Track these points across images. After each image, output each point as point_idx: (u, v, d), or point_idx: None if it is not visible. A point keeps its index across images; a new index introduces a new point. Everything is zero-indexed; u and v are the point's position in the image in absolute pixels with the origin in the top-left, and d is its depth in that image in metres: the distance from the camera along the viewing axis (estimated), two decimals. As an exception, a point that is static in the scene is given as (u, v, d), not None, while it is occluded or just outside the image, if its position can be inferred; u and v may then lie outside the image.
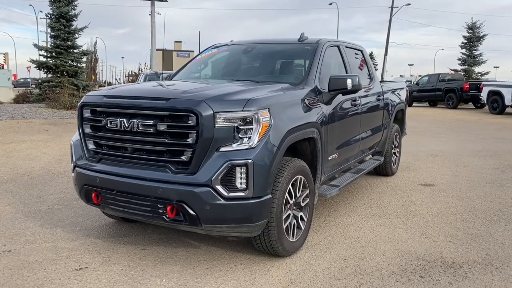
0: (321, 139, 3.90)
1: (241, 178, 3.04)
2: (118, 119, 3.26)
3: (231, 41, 5.33)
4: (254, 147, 3.08)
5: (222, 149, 3.05)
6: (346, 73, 4.86)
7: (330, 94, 4.11)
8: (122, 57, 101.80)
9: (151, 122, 3.12)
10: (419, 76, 34.37)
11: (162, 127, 3.10)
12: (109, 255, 3.57)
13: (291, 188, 3.50)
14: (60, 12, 18.81)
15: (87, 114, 3.51)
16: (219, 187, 3.02)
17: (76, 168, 3.62)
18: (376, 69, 68.16)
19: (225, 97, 3.17)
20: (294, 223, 3.62)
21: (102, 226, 4.25)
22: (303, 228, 3.74)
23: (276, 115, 3.28)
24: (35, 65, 19.07)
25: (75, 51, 19.78)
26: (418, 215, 4.77)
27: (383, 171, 6.56)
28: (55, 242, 3.83)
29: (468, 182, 6.36)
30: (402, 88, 7.03)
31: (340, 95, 4.30)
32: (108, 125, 3.32)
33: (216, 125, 3.02)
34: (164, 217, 3.14)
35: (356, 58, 5.49)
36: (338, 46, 4.90)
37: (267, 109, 3.20)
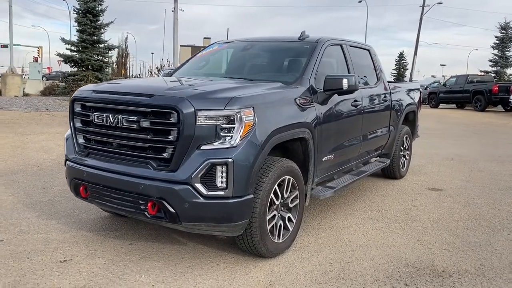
0: (313, 139, 3.83)
1: (221, 177, 3.02)
2: (104, 114, 3.28)
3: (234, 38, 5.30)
4: (235, 146, 3.05)
5: (204, 147, 3.03)
6: (348, 73, 4.76)
7: (325, 94, 4.02)
8: (152, 53, 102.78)
9: (135, 118, 3.13)
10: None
11: (145, 124, 3.11)
12: (96, 248, 3.62)
13: (277, 189, 3.45)
14: (87, 7, 19.21)
15: (77, 108, 3.55)
16: (198, 185, 3.00)
17: (67, 161, 3.67)
18: (406, 69, 66.88)
19: (207, 95, 3.15)
20: (281, 224, 3.57)
21: (96, 219, 4.31)
22: (291, 229, 3.68)
23: (262, 114, 3.23)
24: (62, 59, 19.52)
25: (100, 45, 20.15)
26: (418, 221, 4.63)
27: (390, 173, 6.41)
28: (47, 233, 3.90)
29: (479, 188, 6.15)
30: (415, 90, 6.85)
31: (338, 95, 4.21)
32: (95, 120, 3.35)
33: (198, 123, 3.00)
34: (145, 213, 3.15)
35: (362, 57, 5.37)
36: (341, 45, 4.80)
37: (251, 108, 3.16)
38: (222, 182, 3.02)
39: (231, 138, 3.06)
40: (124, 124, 3.18)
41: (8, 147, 7.89)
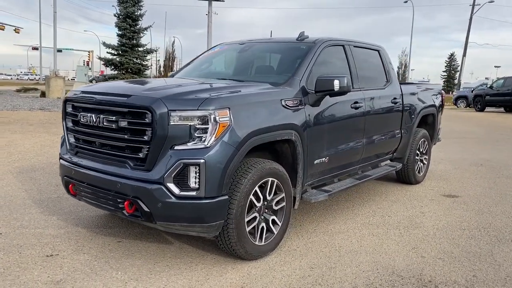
0: (302, 142, 3.77)
1: (193, 178, 3.03)
2: (89, 114, 3.38)
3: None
4: (209, 147, 3.05)
5: (177, 147, 3.05)
6: (350, 74, 4.64)
7: (317, 95, 3.94)
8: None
9: (114, 118, 3.21)
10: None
11: (123, 123, 3.17)
12: (84, 244, 3.72)
13: (259, 191, 3.42)
14: (127, 12, 19.89)
15: (69, 109, 3.68)
16: (170, 185, 3.02)
17: (60, 159, 3.81)
18: (456, 71, 64.15)
19: (181, 96, 3.17)
20: (263, 227, 3.53)
21: (95, 216, 4.43)
22: (275, 232, 3.63)
23: (239, 115, 3.21)
24: (103, 62, 20.30)
25: (139, 49, 20.78)
26: (421, 228, 4.44)
27: (405, 178, 6.19)
28: (44, 228, 4.06)
29: (499, 196, 5.81)
30: (434, 92, 6.58)
31: (335, 96, 4.12)
32: (81, 120, 3.46)
33: (171, 123, 3.03)
34: (123, 212, 3.21)
35: (369, 59, 5.23)
36: (343, 46, 4.69)
37: (227, 109, 3.14)
38: (194, 183, 3.03)
39: (204, 138, 3.06)
40: (105, 123, 3.26)
41: (38, 146, 8.29)
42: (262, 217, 3.55)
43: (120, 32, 20.14)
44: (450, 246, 3.98)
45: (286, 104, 3.66)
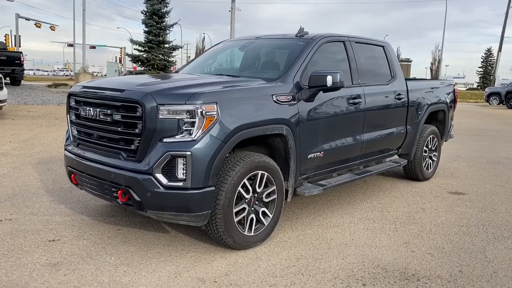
0: (294, 136, 3.85)
1: (181, 169, 3.18)
2: (87, 108, 3.58)
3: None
4: (195, 140, 3.18)
5: (166, 140, 3.20)
6: (350, 70, 4.68)
7: (310, 91, 4.01)
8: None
9: (109, 112, 3.39)
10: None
11: (117, 117, 3.35)
12: (86, 231, 3.94)
13: (248, 183, 3.54)
14: (153, 9, 20.28)
15: (72, 103, 3.89)
16: (159, 176, 3.18)
17: (65, 150, 4.03)
18: (493, 67, 61.93)
19: (170, 91, 3.32)
20: (253, 218, 3.65)
21: (100, 206, 4.65)
22: (266, 223, 3.74)
23: (227, 110, 3.33)
24: (130, 59, 20.80)
25: (165, 46, 21.17)
26: (418, 223, 4.45)
27: (412, 175, 6.17)
28: (51, 216, 4.30)
29: (508, 194, 5.72)
30: (445, 88, 6.50)
31: (329, 92, 4.18)
32: (81, 113, 3.66)
33: (160, 117, 3.18)
34: (118, 200, 3.39)
35: (372, 54, 5.24)
36: (343, 42, 4.73)
37: (215, 103, 3.27)
38: (181, 174, 3.18)
39: (192, 132, 3.20)
40: (101, 117, 3.45)
41: (60, 139, 8.65)
42: (253, 208, 3.66)
43: (146, 29, 20.60)
44: (443, 241, 3.99)
45: (277, 99, 3.75)
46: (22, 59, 19.65)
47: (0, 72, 17.31)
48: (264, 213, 3.73)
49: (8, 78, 19.85)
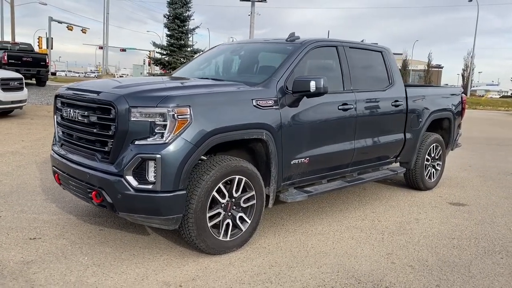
0: (275, 141, 3.81)
1: (152, 172, 3.18)
2: (68, 109, 3.65)
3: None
4: (166, 143, 3.19)
5: (137, 142, 3.22)
6: (342, 75, 4.60)
7: (294, 96, 3.96)
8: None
9: (86, 113, 3.44)
10: None
11: (93, 118, 3.39)
12: (68, 230, 3.99)
13: (223, 187, 3.51)
14: (176, 13, 20.56)
15: (58, 104, 3.97)
16: (129, 178, 3.20)
17: (51, 150, 4.11)
18: (525, 73, 59.45)
19: (143, 94, 3.34)
20: (229, 223, 3.62)
21: (90, 206, 4.71)
22: (243, 229, 3.71)
23: (201, 113, 3.32)
24: (152, 62, 21.13)
25: (187, 49, 21.42)
26: (407, 234, 4.32)
27: (413, 184, 6.01)
28: (39, 214, 4.38)
29: (512, 207, 5.50)
30: (450, 95, 6.32)
31: (317, 97, 4.11)
32: (63, 114, 3.73)
33: (132, 119, 3.20)
34: (93, 201, 3.43)
35: (368, 60, 5.14)
36: (336, 47, 4.65)
37: (188, 107, 3.26)
38: (152, 177, 3.18)
39: (163, 134, 3.20)
40: (79, 118, 3.50)
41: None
42: (230, 213, 3.63)
43: (169, 33, 20.91)
44: (428, 254, 3.86)
45: (258, 104, 3.71)
46: (47, 61, 20.22)
47: (26, 73, 17.91)
48: (241, 219, 3.70)
49: (34, 79, 20.46)
